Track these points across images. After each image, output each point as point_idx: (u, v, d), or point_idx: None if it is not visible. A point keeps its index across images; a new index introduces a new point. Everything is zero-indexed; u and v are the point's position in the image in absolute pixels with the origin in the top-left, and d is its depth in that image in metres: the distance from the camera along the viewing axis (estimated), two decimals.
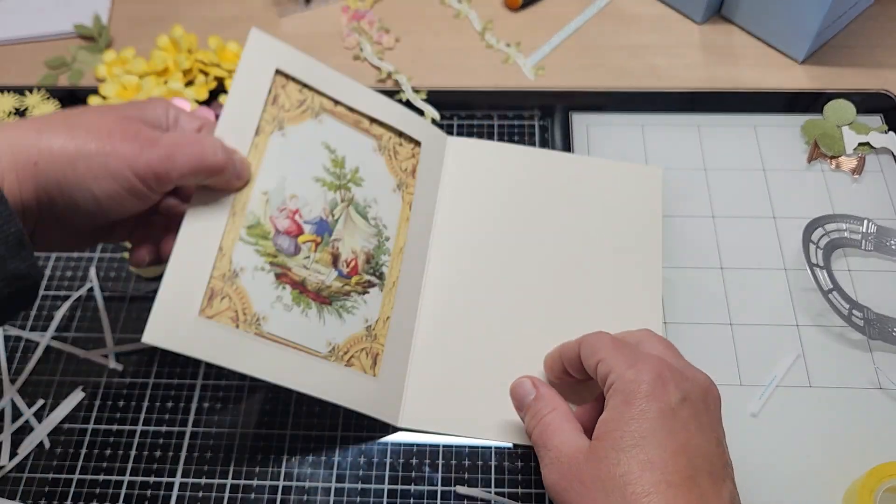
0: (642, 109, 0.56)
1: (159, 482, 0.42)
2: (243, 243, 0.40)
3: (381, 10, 0.65)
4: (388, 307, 0.44)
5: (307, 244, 0.42)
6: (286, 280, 0.41)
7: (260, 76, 0.43)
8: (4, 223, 0.32)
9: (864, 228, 0.49)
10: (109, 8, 0.66)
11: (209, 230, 0.39)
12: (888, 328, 0.45)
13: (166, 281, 0.37)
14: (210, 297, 0.38)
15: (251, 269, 0.40)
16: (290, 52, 0.45)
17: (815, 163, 0.53)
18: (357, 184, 0.45)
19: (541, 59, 0.61)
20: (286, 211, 0.42)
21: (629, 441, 0.32)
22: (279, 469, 0.42)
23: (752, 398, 0.44)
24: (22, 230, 0.32)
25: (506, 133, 0.56)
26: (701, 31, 0.62)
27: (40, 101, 0.59)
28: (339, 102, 0.46)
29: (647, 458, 0.31)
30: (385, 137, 0.48)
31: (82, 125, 0.35)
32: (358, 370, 0.42)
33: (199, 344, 0.37)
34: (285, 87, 0.44)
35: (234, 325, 0.38)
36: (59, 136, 0.34)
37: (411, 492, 0.41)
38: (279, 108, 0.43)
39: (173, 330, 0.36)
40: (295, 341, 0.40)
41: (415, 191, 0.48)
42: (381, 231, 0.46)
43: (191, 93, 0.58)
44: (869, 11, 0.62)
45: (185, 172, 0.36)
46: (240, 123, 0.41)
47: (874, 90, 0.56)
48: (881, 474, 0.38)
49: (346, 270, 0.43)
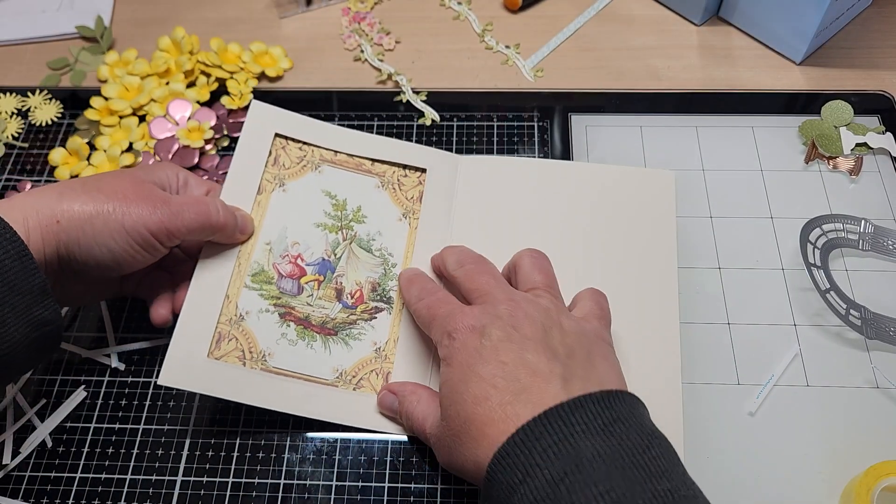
0: (641, 111, 0.57)
1: (161, 481, 0.42)
2: (248, 289, 0.45)
3: (381, 11, 0.65)
4: (398, 328, 0.45)
5: (310, 283, 0.46)
6: (290, 318, 0.45)
7: (260, 142, 0.49)
8: (30, 275, 0.36)
9: (862, 228, 0.49)
10: (111, 9, 0.66)
11: (216, 280, 0.44)
12: (885, 328, 0.45)
13: (178, 328, 0.42)
14: (218, 340, 0.43)
15: (256, 311, 0.44)
16: (288, 117, 0.50)
17: (813, 163, 0.53)
18: (359, 221, 0.48)
19: (540, 61, 0.61)
20: (288, 256, 0.46)
21: (460, 390, 0.36)
22: (280, 468, 0.43)
23: (750, 397, 0.44)
24: (45, 280, 0.37)
25: (505, 134, 0.56)
26: (699, 32, 0.62)
27: (42, 102, 0.59)
28: (338, 152, 0.50)
29: (473, 396, 0.35)
30: (389, 173, 0.50)
31: (100, 188, 0.40)
32: (368, 391, 0.43)
33: (209, 383, 0.41)
34: (285, 148, 0.49)
35: (241, 364, 0.43)
36: (79, 199, 0.39)
37: (411, 490, 0.42)
38: (280, 167, 0.49)
39: (185, 372, 0.41)
40: (301, 372, 0.43)
41: (420, 215, 0.49)
42: (387, 259, 0.47)
43: (192, 94, 0.58)
44: (866, 13, 0.62)
45: (192, 228, 0.41)
46: (243, 186, 0.47)
47: (871, 91, 0.57)
48: (878, 473, 0.39)
49: (351, 301, 0.46)
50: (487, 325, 0.37)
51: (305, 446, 0.43)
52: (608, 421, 0.33)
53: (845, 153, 0.53)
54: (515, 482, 0.32)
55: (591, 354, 0.37)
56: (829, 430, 0.43)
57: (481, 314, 0.37)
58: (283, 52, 0.62)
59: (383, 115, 0.57)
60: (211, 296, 0.44)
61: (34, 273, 0.36)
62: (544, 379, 0.34)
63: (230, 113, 0.58)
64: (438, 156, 0.51)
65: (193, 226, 0.41)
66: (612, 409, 0.33)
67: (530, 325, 0.37)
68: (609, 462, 0.31)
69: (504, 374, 0.35)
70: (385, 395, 0.42)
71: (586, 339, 0.38)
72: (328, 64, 0.62)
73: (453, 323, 0.38)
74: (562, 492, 0.30)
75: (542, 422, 0.32)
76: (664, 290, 0.46)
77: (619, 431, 0.32)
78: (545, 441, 0.32)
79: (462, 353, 0.36)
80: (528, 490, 0.31)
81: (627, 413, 0.33)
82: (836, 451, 0.42)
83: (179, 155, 0.55)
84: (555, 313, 0.38)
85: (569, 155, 0.54)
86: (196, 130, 0.56)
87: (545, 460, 0.31)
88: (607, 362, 0.37)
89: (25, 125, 0.58)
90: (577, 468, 0.31)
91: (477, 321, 0.37)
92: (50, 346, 0.39)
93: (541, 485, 0.31)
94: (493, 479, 0.33)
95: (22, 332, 0.36)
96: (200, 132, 0.56)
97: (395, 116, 0.57)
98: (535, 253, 0.43)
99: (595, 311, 0.41)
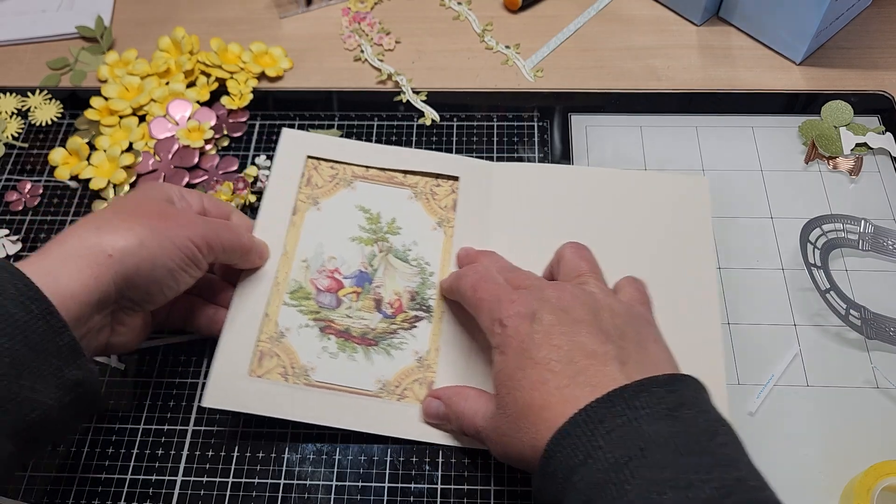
0: (641, 111, 0.57)
1: (161, 481, 0.42)
2: (287, 306, 0.45)
3: (381, 11, 0.65)
4: (438, 336, 0.45)
5: (348, 296, 0.46)
6: (330, 331, 0.45)
7: (293, 165, 0.50)
8: (56, 335, 0.34)
9: (862, 229, 0.49)
10: (112, 9, 0.66)
11: (255, 300, 0.45)
12: (885, 327, 0.45)
13: (220, 350, 0.43)
14: (259, 358, 0.43)
15: (296, 327, 0.45)
16: (318, 140, 0.52)
17: (813, 163, 0.53)
18: (394, 233, 0.49)
19: (540, 61, 0.61)
20: (325, 271, 0.47)
21: (517, 377, 0.35)
22: (280, 468, 0.43)
23: (750, 397, 0.44)
24: (74, 339, 0.35)
25: (505, 134, 0.56)
26: (699, 32, 0.62)
27: (42, 102, 0.59)
28: (370, 167, 0.51)
29: (530, 381, 0.35)
30: (421, 183, 0.51)
31: (134, 213, 0.40)
32: (412, 402, 0.43)
33: (252, 401, 0.42)
34: (317, 168, 0.51)
35: (283, 380, 0.43)
36: (121, 228, 0.38)
37: (411, 490, 0.42)
38: (313, 187, 0.50)
39: (228, 392, 0.42)
40: (343, 384, 0.43)
41: (455, 222, 0.49)
42: (424, 268, 0.47)
43: (192, 94, 0.58)
44: (866, 13, 0.62)
45: (225, 246, 0.42)
46: (278, 208, 0.48)
47: (871, 91, 0.57)
48: (878, 473, 0.39)
49: (391, 311, 0.46)
50: (537, 310, 0.37)
51: (305, 446, 0.43)
52: (673, 405, 0.32)
53: (845, 153, 0.53)
54: (576, 463, 0.31)
55: (642, 337, 0.37)
56: (829, 430, 0.43)
57: (530, 299, 0.37)
58: (283, 52, 0.62)
59: (383, 115, 0.57)
60: (250, 316, 0.44)
61: (62, 332, 0.34)
62: (600, 361, 0.34)
63: (230, 113, 0.58)
64: (470, 164, 0.52)
65: (227, 244, 0.42)
66: (677, 392, 0.32)
67: (580, 307, 0.37)
68: (675, 447, 0.30)
69: (559, 358, 0.35)
70: (430, 402, 0.42)
71: (636, 321, 0.38)
72: (328, 64, 0.62)
73: (502, 310, 0.37)
74: (625, 475, 0.30)
75: (605, 404, 0.32)
76: (705, 294, 0.46)
77: (684, 416, 0.31)
78: (608, 424, 0.31)
79: (515, 340, 0.36)
80: (590, 472, 0.31)
81: (692, 397, 0.33)
82: (836, 451, 0.42)
83: (179, 155, 0.55)
84: (602, 296, 0.38)
85: (569, 155, 0.54)
86: (196, 130, 0.56)
87: (608, 443, 0.31)
88: (658, 345, 0.37)
89: (25, 125, 0.58)
90: (643, 452, 0.30)
91: (526, 307, 0.37)
92: (87, 407, 0.37)
93: (603, 467, 0.30)
94: (552, 459, 0.32)
95: (53, 396, 0.34)
96: (200, 132, 0.56)
97: (395, 116, 0.57)
98: (577, 244, 0.43)
99: (637, 297, 0.41)
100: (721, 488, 0.29)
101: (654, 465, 0.30)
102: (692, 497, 0.28)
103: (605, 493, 0.30)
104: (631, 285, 0.41)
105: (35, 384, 0.33)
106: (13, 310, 0.33)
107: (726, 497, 0.28)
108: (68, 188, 0.55)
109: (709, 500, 0.28)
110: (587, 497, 0.30)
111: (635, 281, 0.42)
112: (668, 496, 0.28)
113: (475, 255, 0.46)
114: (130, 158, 0.55)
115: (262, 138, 0.57)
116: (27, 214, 0.54)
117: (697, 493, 0.28)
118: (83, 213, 0.53)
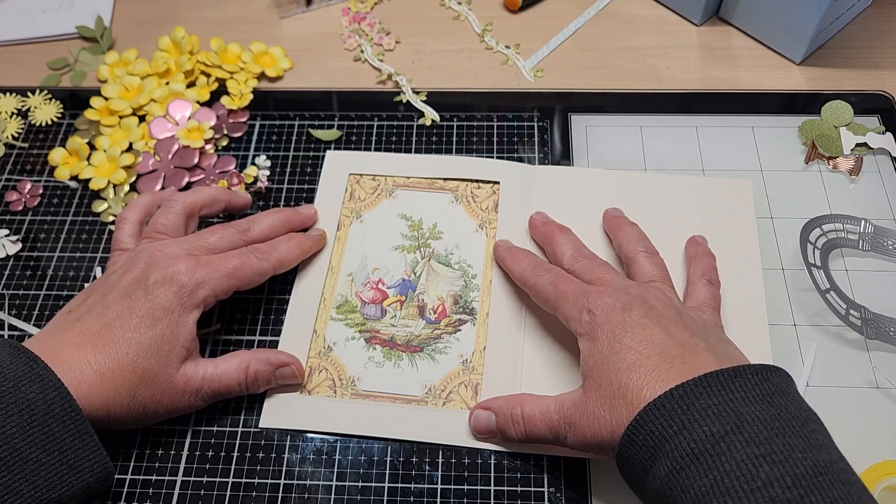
0: (640, 111, 0.57)
1: (161, 481, 0.42)
2: (334, 321, 0.47)
3: (381, 11, 0.65)
4: (483, 338, 0.46)
5: (392, 305, 0.47)
6: (376, 341, 0.46)
7: (336, 185, 0.52)
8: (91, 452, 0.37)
9: (862, 229, 0.49)
10: (111, 9, 0.66)
11: (304, 320, 0.47)
12: (885, 328, 0.45)
13: None
14: (309, 373, 0.45)
15: (343, 340, 0.46)
16: (360, 157, 0.54)
17: (813, 163, 0.53)
18: (436, 238, 0.50)
19: (540, 61, 0.61)
20: (370, 283, 0.48)
21: (612, 360, 0.36)
22: (280, 468, 0.43)
23: None
24: (108, 462, 0.38)
25: (505, 134, 0.56)
26: (699, 32, 0.62)
27: (42, 102, 0.59)
28: (410, 177, 0.52)
29: (627, 364, 0.36)
30: (461, 188, 0.52)
31: (146, 406, 0.40)
32: (457, 406, 0.43)
33: (304, 418, 0.43)
34: (360, 181, 0.52)
35: (332, 393, 0.44)
36: (131, 416, 0.40)
37: (411, 490, 0.42)
38: (356, 200, 0.52)
39: (283, 412, 0.44)
40: (390, 392, 0.44)
41: (498, 224, 0.50)
42: (467, 271, 0.48)
43: (192, 94, 0.58)
44: (866, 13, 0.62)
45: (233, 390, 0.43)
46: (323, 226, 0.50)
47: (871, 91, 0.57)
48: (878, 473, 0.39)
49: (434, 316, 0.47)
50: (627, 303, 0.38)
51: (305, 446, 0.43)
52: (766, 392, 0.33)
53: (845, 153, 0.53)
54: (670, 433, 0.32)
55: (720, 337, 0.39)
56: (829, 430, 0.42)
57: (617, 293, 0.39)
58: (283, 52, 0.62)
59: (383, 116, 0.57)
60: (300, 335, 0.46)
61: (95, 450, 0.37)
62: (692, 350, 0.36)
63: (230, 113, 0.58)
64: (510, 167, 0.52)
65: (234, 391, 0.43)
66: (770, 381, 0.34)
67: (663, 305, 0.39)
68: (770, 428, 0.31)
69: (654, 344, 0.36)
70: (479, 414, 0.42)
71: (708, 326, 0.39)
72: (328, 64, 0.62)
73: (591, 300, 0.39)
74: (722, 448, 0.31)
75: (703, 383, 0.33)
76: (752, 296, 0.46)
77: (777, 402, 0.33)
78: (704, 401, 0.32)
79: (606, 328, 0.37)
80: (684, 441, 0.32)
81: (784, 387, 0.34)
82: None
83: (179, 155, 0.55)
84: (677, 301, 0.40)
85: (569, 155, 0.54)
86: (196, 130, 0.56)
87: (704, 417, 0.32)
88: (734, 345, 0.39)
89: (25, 125, 0.58)
90: (738, 428, 0.31)
91: (615, 299, 0.38)
92: (98, 493, 0.40)
93: (699, 438, 0.31)
94: (643, 428, 0.33)
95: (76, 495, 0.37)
96: (200, 132, 0.56)
97: (395, 116, 0.57)
98: (651, 250, 0.44)
99: (709, 302, 0.42)
100: (814, 467, 0.30)
101: (749, 442, 0.31)
102: (786, 472, 0.30)
103: (699, 462, 0.31)
104: (706, 288, 0.43)
105: (63, 498, 0.36)
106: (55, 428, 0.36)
107: (819, 475, 0.30)
108: (68, 188, 0.55)
109: (802, 476, 0.30)
110: (680, 465, 0.31)
111: (710, 284, 0.43)
112: (763, 469, 0.30)
113: (553, 230, 0.47)
114: (130, 158, 0.55)
115: (262, 138, 0.57)
116: (27, 214, 0.54)
117: (791, 468, 0.30)
118: (83, 213, 0.53)
